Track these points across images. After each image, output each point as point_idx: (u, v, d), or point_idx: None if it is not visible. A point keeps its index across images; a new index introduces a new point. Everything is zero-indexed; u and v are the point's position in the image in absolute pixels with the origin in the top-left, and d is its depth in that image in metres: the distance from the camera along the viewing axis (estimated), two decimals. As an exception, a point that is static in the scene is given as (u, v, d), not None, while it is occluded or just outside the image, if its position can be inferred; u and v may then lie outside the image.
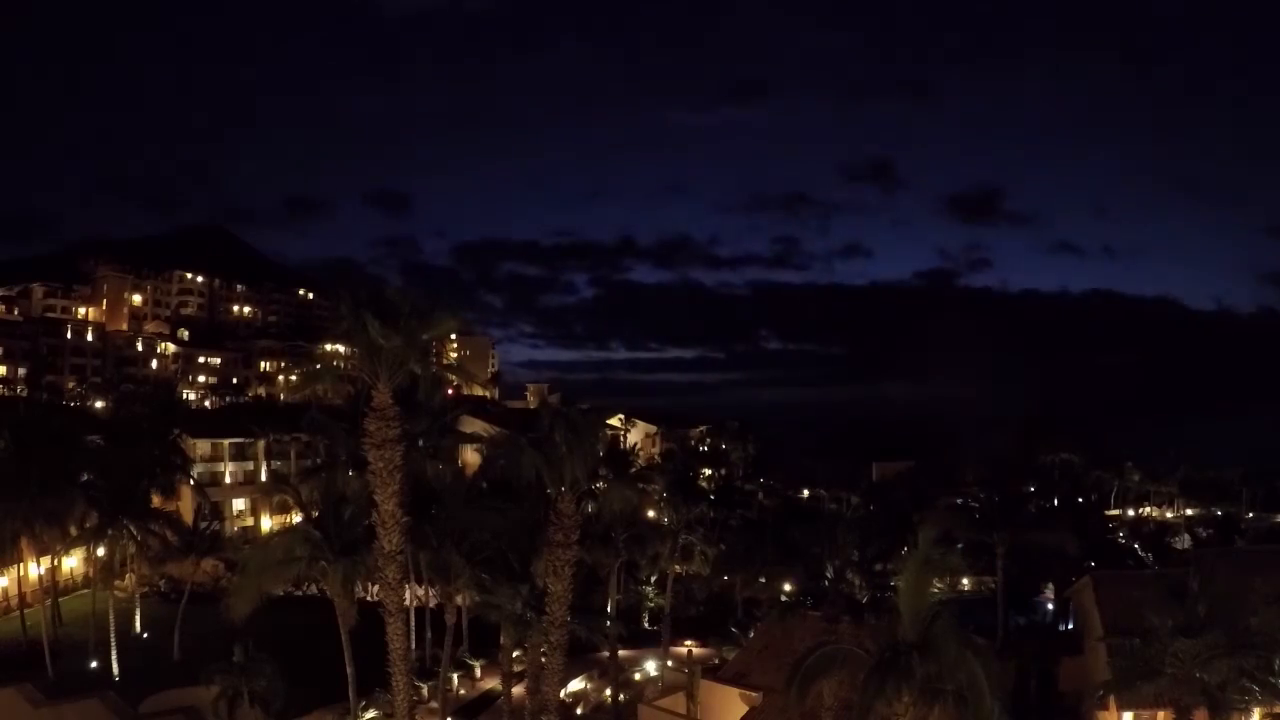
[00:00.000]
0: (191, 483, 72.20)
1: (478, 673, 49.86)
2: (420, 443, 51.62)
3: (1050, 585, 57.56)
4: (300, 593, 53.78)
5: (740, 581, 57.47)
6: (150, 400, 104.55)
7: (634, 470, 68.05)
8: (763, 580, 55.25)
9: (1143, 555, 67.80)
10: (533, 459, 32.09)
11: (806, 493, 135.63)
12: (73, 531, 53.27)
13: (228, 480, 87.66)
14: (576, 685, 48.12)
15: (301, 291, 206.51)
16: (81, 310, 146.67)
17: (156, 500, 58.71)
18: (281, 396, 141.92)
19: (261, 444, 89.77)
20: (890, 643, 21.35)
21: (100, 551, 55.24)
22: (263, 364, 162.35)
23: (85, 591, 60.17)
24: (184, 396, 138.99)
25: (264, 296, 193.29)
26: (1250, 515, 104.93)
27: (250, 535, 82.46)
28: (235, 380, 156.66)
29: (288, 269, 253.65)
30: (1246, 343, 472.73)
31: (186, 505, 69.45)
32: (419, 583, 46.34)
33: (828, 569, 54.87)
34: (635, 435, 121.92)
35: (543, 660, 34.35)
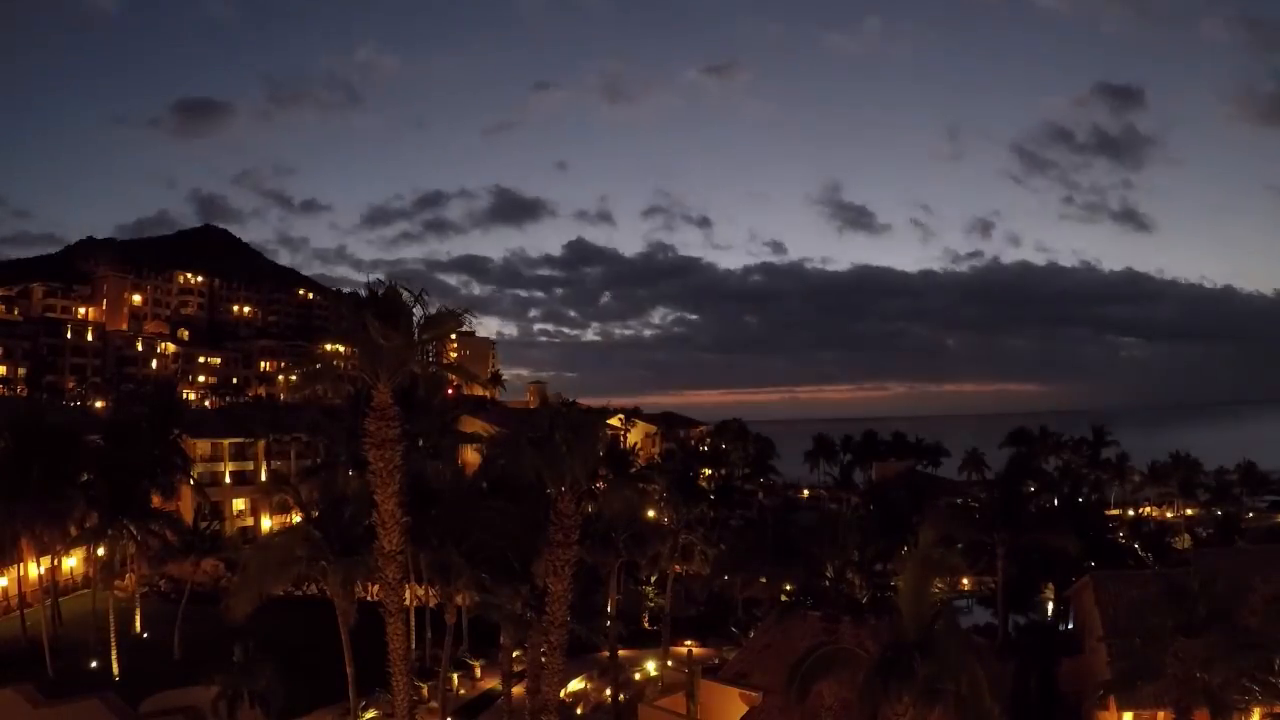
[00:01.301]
0: (191, 483, 72.18)
1: (478, 673, 49.86)
2: (420, 443, 51.73)
3: (1050, 585, 57.52)
4: (300, 593, 53.74)
5: (740, 581, 57.34)
6: (150, 400, 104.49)
7: (634, 470, 68.12)
8: (763, 580, 55.13)
9: (1143, 555, 67.71)
10: (533, 459, 32.07)
11: (806, 492, 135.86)
12: (73, 531, 53.26)
13: (228, 480, 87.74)
14: (576, 685, 48.13)
15: (301, 291, 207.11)
16: (81, 310, 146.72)
17: (156, 500, 58.69)
18: (281, 396, 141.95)
19: (261, 444, 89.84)
20: (891, 643, 21.35)
21: (100, 551, 55.23)
22: (263, 364, 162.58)
23: (85, 591, 60.16)
24: (184, 396, 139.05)
25: (264, 296, 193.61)
26: (1250, 515, 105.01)
27: (250, 535, 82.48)
28: (235, 380, 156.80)
29: (287, 269, 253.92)
30: None
31: (187, 505, 69.44)
32: (419, 583, 46.31)
33: (828, 569, 54.79)
34: (635, 435, 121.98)
35: (543, 660, 34.34)
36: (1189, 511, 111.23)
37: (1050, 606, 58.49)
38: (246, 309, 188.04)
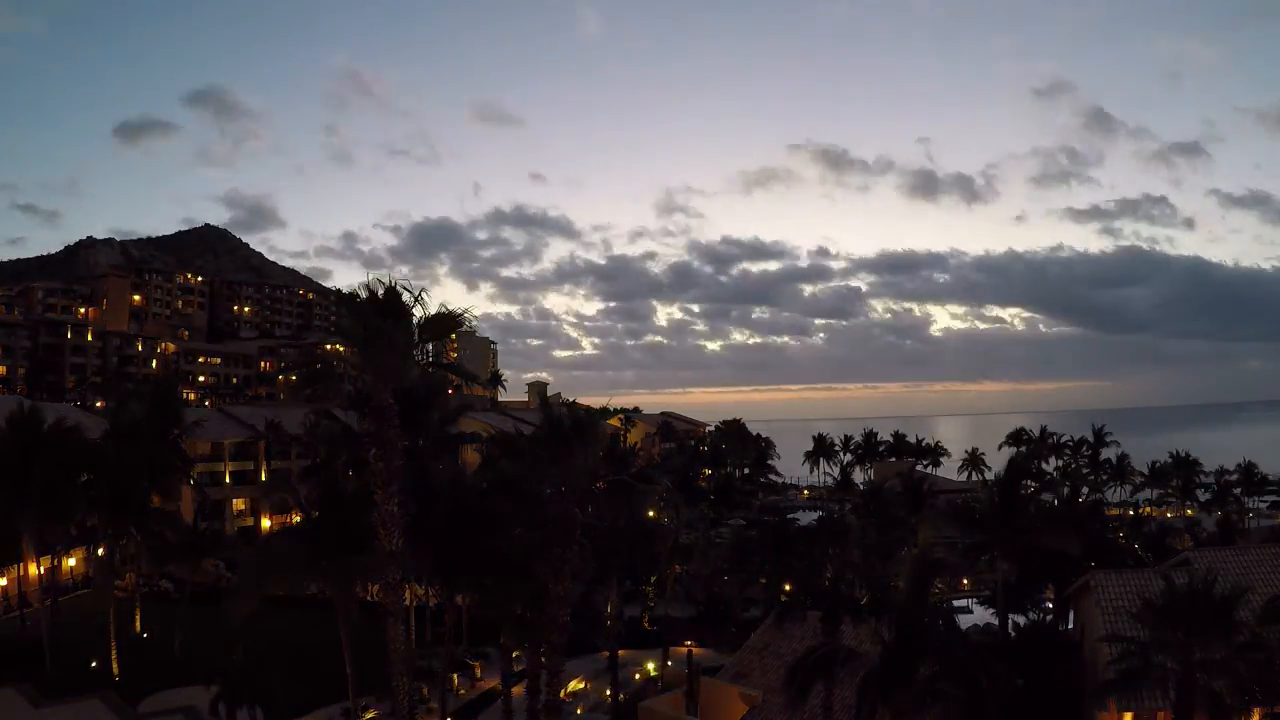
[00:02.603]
0: (191, 483, 72.20)
1: (478, 673, 49.85)
2: (420, 442, 51.66)
3: (1050, 585, 57.46)
4: (300, 593, 53.76)
5: (740, 581, 57.40)
6: (150, 400, 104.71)
7: (634, 470, 68.16)
8: (762, 580, 55.19)
9: (1143, 555, 67.65)
10: (533, 458, 32.07)
11: (806, 492, 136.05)
12: (73, 531, 53.29)
13: (228, 480, 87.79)
14: (576, 685, 48.14)
15: (301, 291, 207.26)
16: (81, 310, 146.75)
17: (156, 500, 58.69)
18: (281, 396, 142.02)
19: (261, 444, 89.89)
20: (891, 643, 21.36)
21: (100, 551, 55.25)
22: (263, 364, 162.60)
23: (85, 591, 60.28)
24: (184, 396, 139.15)
25: (264, 296, 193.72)
26: (1250, 515, 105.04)
27: (250, 535, 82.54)
28: (235, 380, 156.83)
29: (287, 269, 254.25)
30: None
31: (187, 505, 69.50)
32: (419, 583, 46.32)
33: (828, 569, 54.81)
34: (635, 435, 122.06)
35: (543, 660, 34.34)
36: (1189, 512, 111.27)
37: (1050, 606, 58.43)
38: (246, 309, 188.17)
